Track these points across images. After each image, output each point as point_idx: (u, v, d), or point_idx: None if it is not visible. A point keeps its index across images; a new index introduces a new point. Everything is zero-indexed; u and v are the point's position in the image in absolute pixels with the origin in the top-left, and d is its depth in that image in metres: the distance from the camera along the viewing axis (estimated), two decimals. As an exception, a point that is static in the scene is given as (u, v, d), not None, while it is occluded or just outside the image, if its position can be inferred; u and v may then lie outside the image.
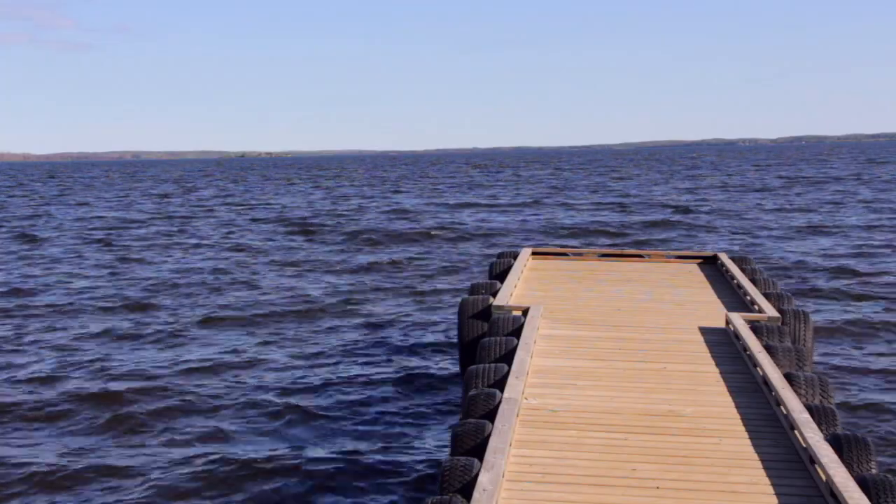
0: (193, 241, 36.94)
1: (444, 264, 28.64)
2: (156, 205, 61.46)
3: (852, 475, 7.11)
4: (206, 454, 11.59)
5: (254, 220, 46.91)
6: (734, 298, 14.44)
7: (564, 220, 42.54)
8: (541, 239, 34.52)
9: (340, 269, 27.87)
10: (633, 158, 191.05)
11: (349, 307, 21.36)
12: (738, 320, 11.93)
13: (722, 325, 12.53)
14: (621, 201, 54.06)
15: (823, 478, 7.25)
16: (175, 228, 42.58)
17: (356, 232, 38.34)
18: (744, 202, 51.86)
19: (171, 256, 31.93)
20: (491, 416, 8.54)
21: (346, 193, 71.43)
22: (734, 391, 9.82)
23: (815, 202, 50.79)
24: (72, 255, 32.61)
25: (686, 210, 46.32)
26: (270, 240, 36.98)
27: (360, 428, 12.53)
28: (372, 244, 34.63)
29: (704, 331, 12.33)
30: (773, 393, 9.24)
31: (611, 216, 44.37)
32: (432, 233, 37.49)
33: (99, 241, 37.44)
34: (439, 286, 24.28)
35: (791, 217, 42.27)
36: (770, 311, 12.70)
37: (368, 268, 28.09)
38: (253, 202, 62.07)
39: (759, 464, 7.88)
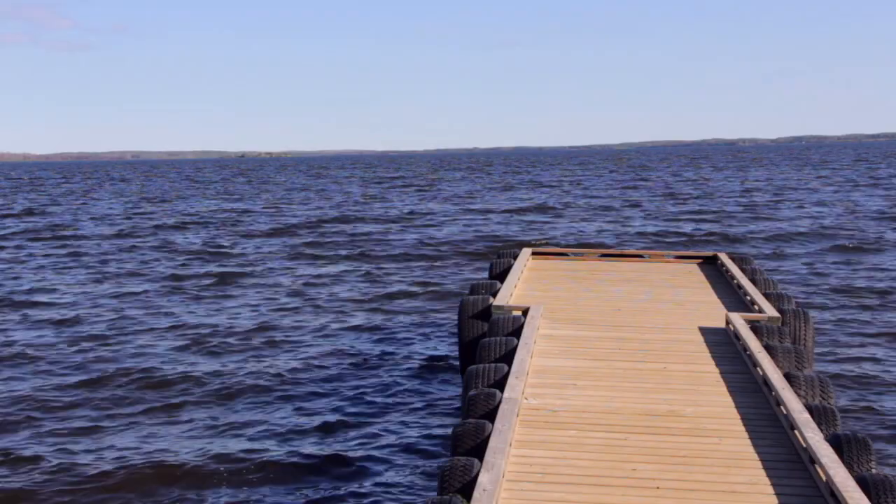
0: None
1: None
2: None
3: (852, 475, 7.11)
4: (200, 451, 11.62)
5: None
6: (734, 298, 14.44)
7: None
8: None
9: (337, 269, 27.89)
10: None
11: (347, 307, 21.37)
12: (738, 320, 11.92)
13: (722, 325, 12.53)
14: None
15: (823, 478, 7.25)
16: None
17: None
18: None
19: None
20: (491, 416, 8.54)
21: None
22: (734, 391, 9.82)
23: None
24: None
25: None
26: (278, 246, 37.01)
27: (359, 428, 12.52)
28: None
29: (704, 331, 12.33)
30: (773, 393, 9.24)
31: None
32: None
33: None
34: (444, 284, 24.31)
35: None
36: (770, 311, 12.69)
37: (368, 268, 28.10)
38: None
39: (759, 464, 7.88)
